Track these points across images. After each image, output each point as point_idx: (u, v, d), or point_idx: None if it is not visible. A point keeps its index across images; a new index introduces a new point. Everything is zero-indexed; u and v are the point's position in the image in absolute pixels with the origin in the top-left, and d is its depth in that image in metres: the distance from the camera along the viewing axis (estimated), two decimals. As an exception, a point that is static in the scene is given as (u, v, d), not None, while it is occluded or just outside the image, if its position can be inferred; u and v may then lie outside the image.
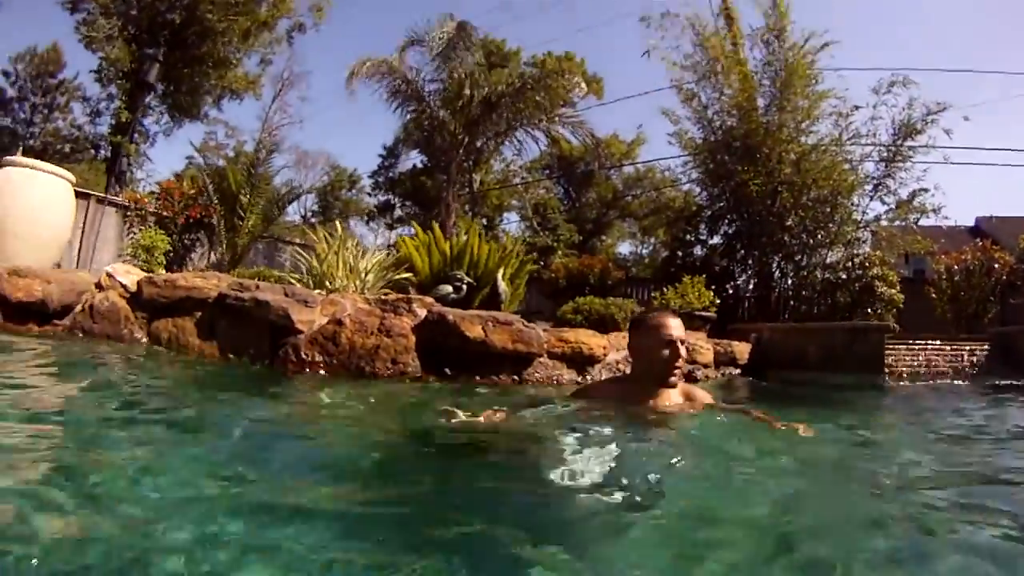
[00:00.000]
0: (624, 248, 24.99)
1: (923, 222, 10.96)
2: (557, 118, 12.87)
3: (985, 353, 7.77)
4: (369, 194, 27.58)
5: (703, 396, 2.58)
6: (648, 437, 2.12)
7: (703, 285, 8.48)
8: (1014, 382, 6.33)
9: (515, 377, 4.48)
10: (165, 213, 9.16)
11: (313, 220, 28.92)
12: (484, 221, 23.21)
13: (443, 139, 13.85)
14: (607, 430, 2.10)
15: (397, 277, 6.12)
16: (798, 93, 10.43)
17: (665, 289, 8.77)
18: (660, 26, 11.22)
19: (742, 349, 6.70)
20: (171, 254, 8.57)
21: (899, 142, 10.44)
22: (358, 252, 5.93)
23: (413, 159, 22.16)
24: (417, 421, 2.51)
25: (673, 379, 2.38)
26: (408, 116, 14.11)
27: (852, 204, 10.48)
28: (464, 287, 5.99)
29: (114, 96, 16.71)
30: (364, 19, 44.23)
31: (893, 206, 10.59)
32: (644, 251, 19.58)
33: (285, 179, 26.37)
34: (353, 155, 67.08)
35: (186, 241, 9.35)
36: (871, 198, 10.61)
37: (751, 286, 10.98)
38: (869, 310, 9.73)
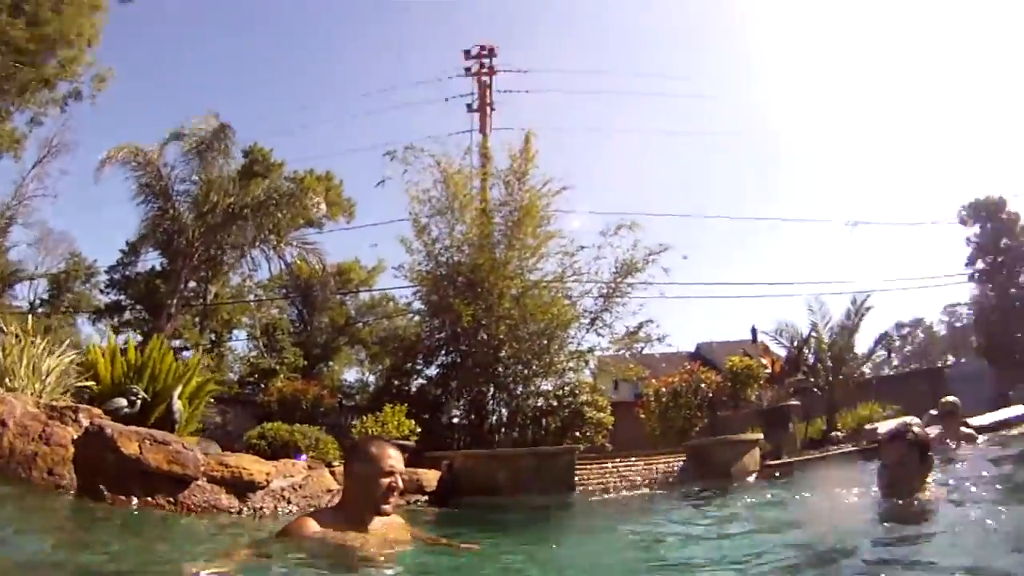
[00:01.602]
0: (351, 375, 24.92)
1: (648, 350, 12.25)
2: (294, 241, 12.63)
3: (681, 464, 8.47)
4: (102, 291, 24.36)
5: (404, 525, 2.68)
6: None
7: (404, 414, 8.60)
8: (702, 486, 6.98)
9: (171, 500, 4.38)
10: None
11: (41, 309, 24.86)
12: (212, 336, 21.66)
13: (181, 244, 12.85)
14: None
15: (79, 384, 5.76)
16: (528, 232, 11.31)
17: (365, 417, 8.74)
18: (404, 159, 11.71)
19: (431, 477, 6.72)
20: None
21: (619, 279, 11.58)
22: (44, 352, 5.50)
23: (152, 260, 20.41)
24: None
25: (388, 507, 2.44)
26: (152, 213, 13.08)
27: (568, 336, 11.36)
28: (138, 402, 5.62)
29: None
30: (141, 105, 41.25)
31: (617, 336, 11.56)
32: (371, 379, 19.51)
33: (20, 256, 23.21)
34: (98, 245, 60.55)
35: None
36: (587, 330, 11.58)
37: (466, 415, 11.20)
38: (579, 433, 10.35)
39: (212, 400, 11.70)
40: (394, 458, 2.48)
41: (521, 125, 12.46)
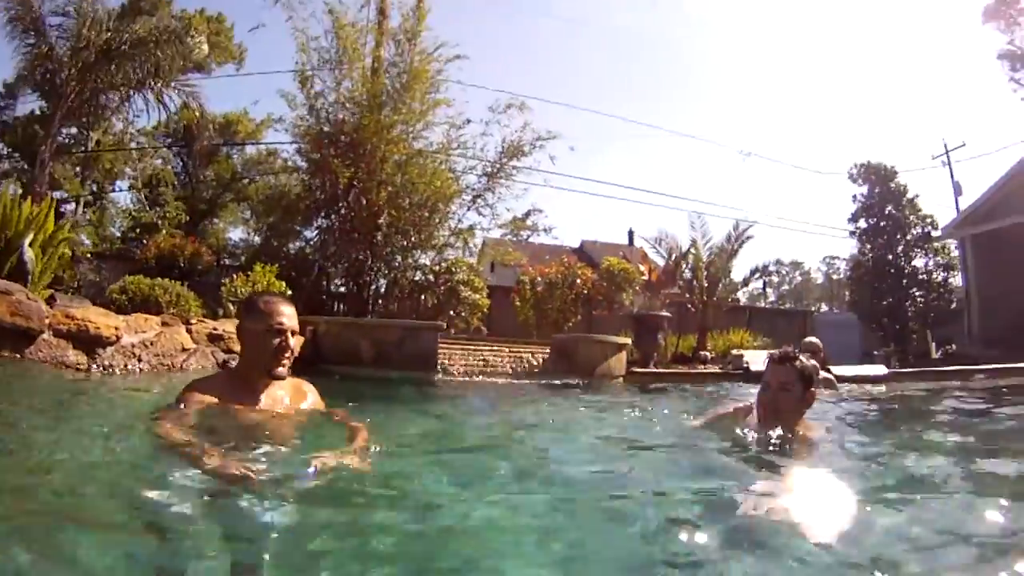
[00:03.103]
0: (236, 234, 23.82)
1: (536, 239, 12.07)
2: (174, 83, 11.81)
3: (546, 356, 8.33)
4: (-26, 140, 22.52)
5: (312, 391, 2.46)
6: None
7: (274, 275, 8.24)
8: (568, 381, 7.13)
9: (17, 355, 4.17)
10: None
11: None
12: (94, 187, 20.62)
13: (57, 84, 11.99)
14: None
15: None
16: (416, 97, 10.68)
17: (235, 276, 8.36)
18: (289, 4, 10.65)
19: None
20: None
21: (504, 160, 11.23)
22: None
23: (32, 103, 18.84)
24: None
25: (280, 370, 2.22)
26: (24, 50, 11.80)
27: (450, 212, 11.09)
28: (-17, 252, 5.27)
29: None
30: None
31: (502, 220, 11.34)
32: (256, 239, 18.83)
33: None
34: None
35: None
36: (469, 208, 11.32)
37: (346, 283, 10.98)
38: (453, 312, 10.26)
39: (89, 256, 11.63)
40: (286, 315, 2.24)
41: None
